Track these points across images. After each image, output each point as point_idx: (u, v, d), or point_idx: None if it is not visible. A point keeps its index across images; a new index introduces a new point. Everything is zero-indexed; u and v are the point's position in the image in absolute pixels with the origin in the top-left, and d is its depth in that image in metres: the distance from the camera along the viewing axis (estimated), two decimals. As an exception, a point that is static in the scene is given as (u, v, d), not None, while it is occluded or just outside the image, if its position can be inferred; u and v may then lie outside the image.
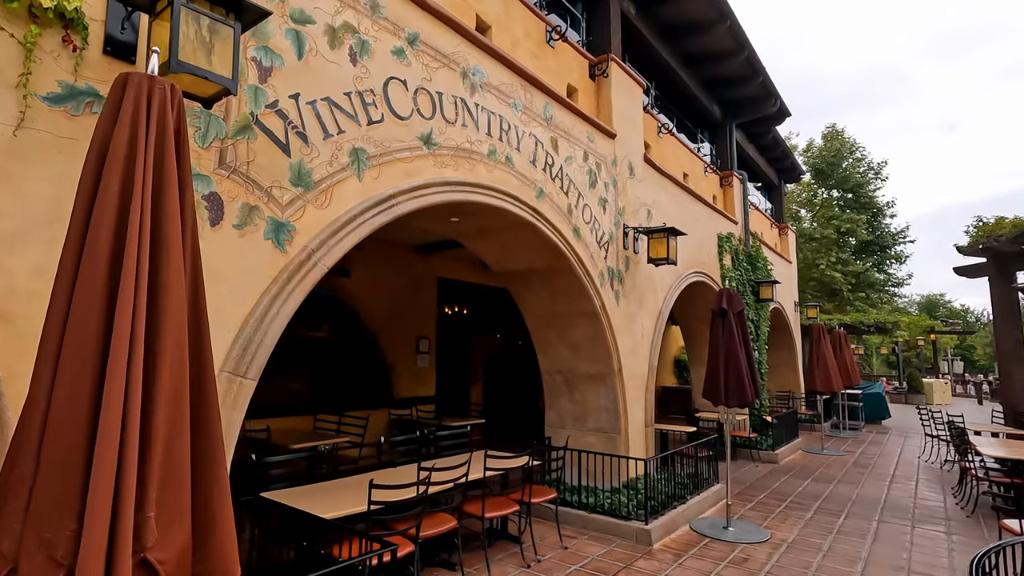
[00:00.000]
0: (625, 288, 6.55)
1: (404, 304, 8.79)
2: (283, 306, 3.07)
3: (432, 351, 9.19)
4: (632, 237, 6.76)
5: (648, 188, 7.31)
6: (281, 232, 3.12)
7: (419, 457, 5.42)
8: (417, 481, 3.71)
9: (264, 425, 6.11)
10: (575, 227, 5.72)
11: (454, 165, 4.29)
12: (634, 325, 6.67)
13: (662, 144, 8.46)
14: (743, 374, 5.44)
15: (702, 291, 8.92)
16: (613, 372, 6.15)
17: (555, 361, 6.48)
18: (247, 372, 2.88)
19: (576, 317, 6.09)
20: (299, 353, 7.29)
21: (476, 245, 5.75)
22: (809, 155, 27.40)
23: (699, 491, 6.34)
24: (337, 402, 7.61)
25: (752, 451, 9.30)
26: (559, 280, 5.85)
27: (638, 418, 6.54)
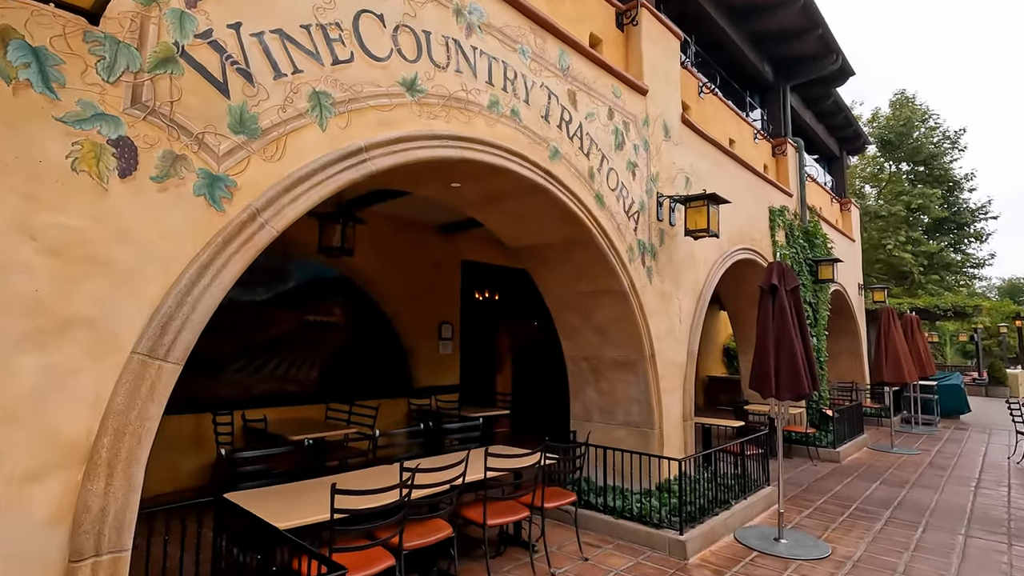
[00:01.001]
0: (659, 264, 5.79)
1: (424, 287, 8.29)
2: (218, 276, 2.56)
3: (456, 337, 8.68)
4: (667, 207, 5.98)
5: (686, 153, 6.48)
6: (216, 187, 2.59)
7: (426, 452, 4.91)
8: (400, 483, 3.17)
9: (261, 415, 5.75)
10: (597, 194, 5.01)
11: (445, 116, 3.68)
12: (669, 306, 5.90)
13: (704, 106, 7.56)
14: (798, 362, 4.62)
15: (751, 270, 7.99)
16: (644, 359, 5.42)
17: (579, 347, 5.81)
18: (168, 355, 2.39)
19: (601, 297, 5.39)
20: (309, 338, 6.92)
21: (485, 216, 5.13)
22: (875, 125, 25.22)
23: (746, 495, 5.56)
24: (351, 390, 7.21)
25: (810, 448, 8.34)
26: (580, 255, 5.16)
27: (674, 411, 5.79)
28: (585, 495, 5.23)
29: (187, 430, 5.84)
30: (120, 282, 2.29)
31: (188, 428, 5.85)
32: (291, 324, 6.75)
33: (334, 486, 2.81)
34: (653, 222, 5.78)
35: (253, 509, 3.06)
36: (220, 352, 6.13)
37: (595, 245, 5.01)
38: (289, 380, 6.67)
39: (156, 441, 5.55)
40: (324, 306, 7.09)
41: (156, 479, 5.57)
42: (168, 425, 5.80)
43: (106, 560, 2.17)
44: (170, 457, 5.70)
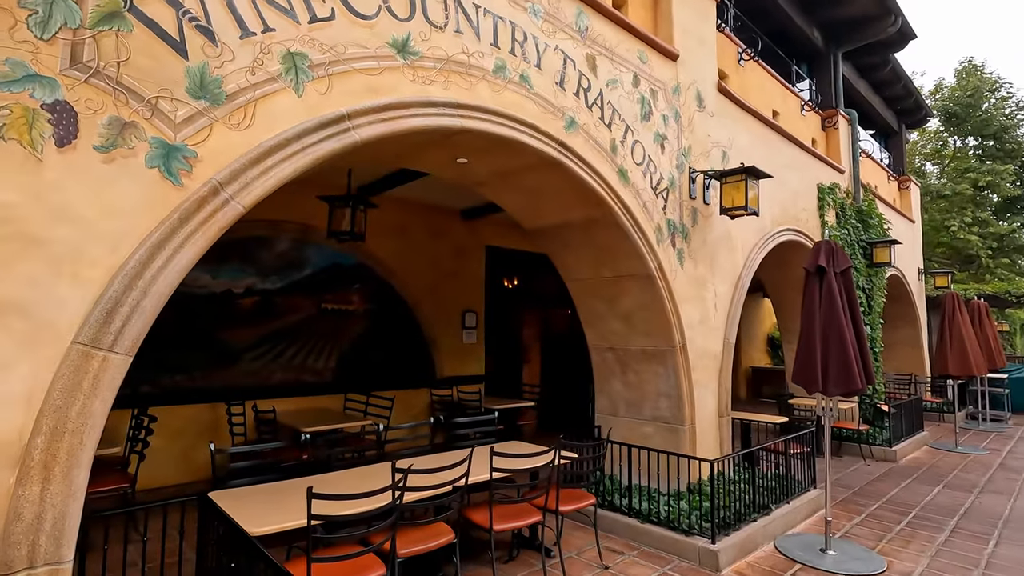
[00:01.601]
0: (691, 247, 5.30)
1: (446, 274, 8.01)
2: (174, 257, 2.30)
3: (480, 326, 8.38)
4: (700, 184, 5.47)
5: (723, 124, 5.92)
6: (173, 158, 2.33)
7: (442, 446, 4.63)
8: (391, 485, 2.88)
9: (271, 406, 5.59)
10: (620, 168, 4.57)
11: (443, 82, 3.32)
12: (703, 291, 5.41)
13: (744, 74, 6.94)
14: (849, 353, 4.08)
15: (797, 253, 7.35)
16: (674, 349, 4.97)
17: (604, 336, 5.39)
18: (115, 345, 2.14)
19: (626, 282, 4.95)
20: (327, 327, 6.74)
21: (499, 195, 4.76)
22: (938, 98, 23.37)
23: (789, 498, 5.05)
24: (370, 380, 7.02)
25: (862, 447, 7.67)
26: (602, 235, 4.74)
27: (708, 406, 5.32)
28: (608, 495, 4.85)
29: (202, 420, 5.76)
30: (58, 264, 2.05)
31: (204, 418, 5.77)
32: (308, 312, 6.58)
33: (310, 490, 2.53)
34: (685, 200, 5.28)
35: (235, 509, 2.84)
36: (236, 341, 6.01)
37: (618, 225, 4.58)
38: (306, 370, 6.52)
39: (171, 432, 5.48)
40: (342, 294, 6.90)
41: (172, 469, 5.52)
42: (183, 414, 5.75)
43: (41, 573, 1.95)
44: (185, 448, 5.63)
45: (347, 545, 2.94)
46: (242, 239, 6.10)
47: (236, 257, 6.06)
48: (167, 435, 5.51)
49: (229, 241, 5.99)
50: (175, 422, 5.58)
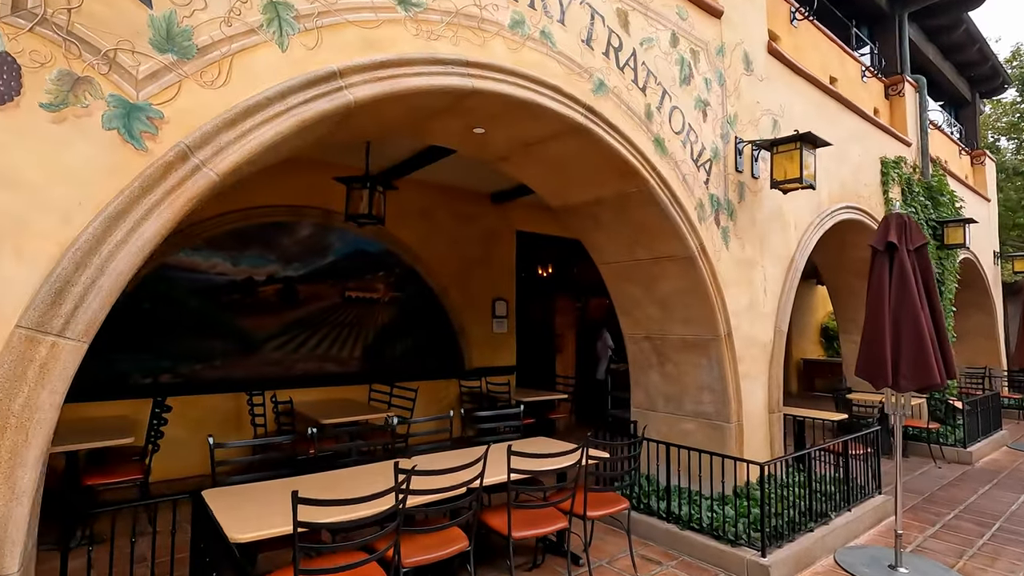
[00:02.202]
0: (737, 225, 4.78)
1: (475, 260, 7.69)
2: (136, 230, 2.03)
3: (511, 314, 8.04)
4: (749, 155, 4.93)
5: (774, 90, 5.34)
6: (135, 119, 2.06)
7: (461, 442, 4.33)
8: (394, 487, 2.57)
9: (288, 397, 5.41)
10: (656, 137, 4.11)
11: (451, 37, 2.96)
12: (751, 274, 4.88)
13: (797, 36, 6.28)
14: (926, 344, 3.52)
15: (857, 234, 6.68)
16: (719, 338, 4.49)
17: (640, 324, 4.95)
18: (66, 329, 1.89)
19: (663, 264, 4.50)
20: (351, 315, 6.54)
21: (522, 169, 4.37)
22: (1016, 65, 21.41)
23: (850, 505, 4.51)
24: (397, 371, 6.79)
25: (932, 447, 6.95)
26: (636, 213, 4.30)
27: (757, 401, 4.81)
28: (644, 497, 4.43)
29: (224, 410, 5.65)
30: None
31: (225, 408, 5.66)
32: (331, 300, 6.39)
33: (295, 495, 2.24)
34: (730, 173, 4.76)
35: (228, 510, 2.60)
36: (258, 329, 5.87)
37: (654, 201, 4.12)
38: (330, 359, 6.34)
39: (192, 422, 5.36)
40: (367, 281, 6.68)
41: (194, 460, 5.42)
42: (205, 404, 5.65)
43: (-21, 587, 1.72)
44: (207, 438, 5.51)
45: (345, 553, 2.65)
46: (263, 225, 5.94)
47: (257, 244, 5.91)
48: (188, 425, 5.41)
49: (250, 227, 5.86)
50: (196, 412, 5.48)
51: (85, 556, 3.01)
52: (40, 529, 2.14)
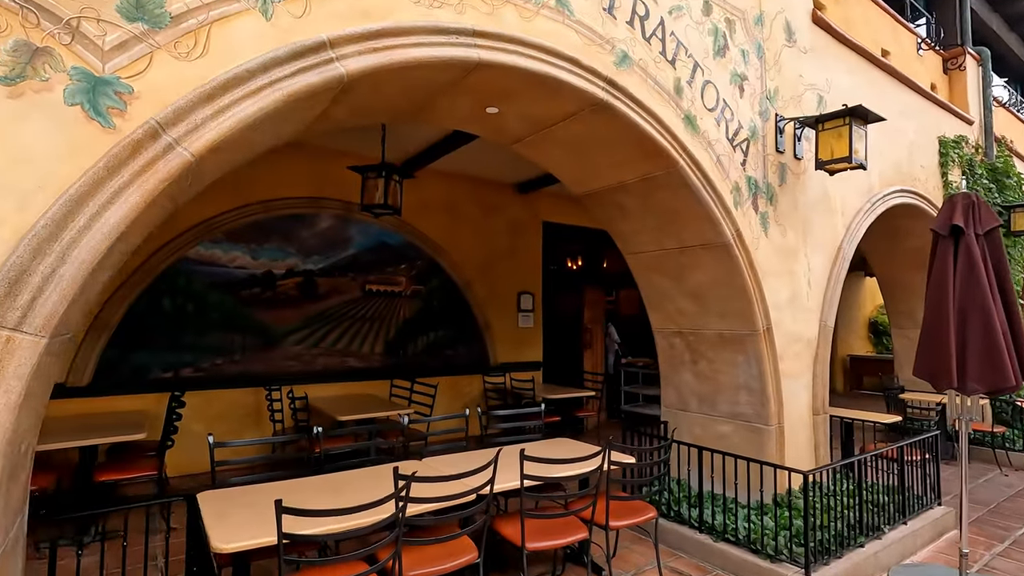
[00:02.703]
0: (778, 210, 4.39)
1: (500, 253, 7.45)
2: (102, 214, 1.86)
3: (537, 309, 7.77)
4: (791, 134, 4.52)
5: (819, 63, 4.89)
6: (101, 94, 1.89)
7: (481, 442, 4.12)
8: (394, 494, 2.36)
9: (304, 392, 5.29)
10: (687, 115, 3.77)
11: (455, 5, 2.71)
12: (793, 264, 4.49)
13: (846, 5, 5.77)
14: (997, 340, 3.09)
15: (913, 219, 6.15)
16: (756, 333, 4.13)
17: (671, 318, 4.62)
18: (23, 322, 1.73)
19: (696, 253, 4.16)
20: (373, 309, 6.40)
21: (540, 153, 4.08)
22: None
23: (906, 518, 4.10)
24: (419, 366, 6.63)
25: (997, 452, 6.36)
26: (665, 198, 3.97)
27: (800, 402, 4.43)
28: (675, 504, 4.12)
29: (245, 404, 5.59)
30: (-53, 222, 1.66)
31: (245, 402, 5.59)
32: (352, 294, 6.26)
33: (279, 504, 2.05)
34: (770, 154, 4.37)
35: (221, 516, 2.44)
36: (278, 324, 5.78)
37: (685, 184, 3.79)
38: (351, 354, 6.22)
39: (213, 416, 5.30)
40: (388, 275, 6.53)
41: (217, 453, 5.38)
42: (225, 399, 5.59)
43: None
44: (227, 432, 5.46)
45: (339, 565, 2.46)
46: (282, 217, 5.84)
47: (277, 236, 5.81)
48: (209, 420, 5.37)
49: (269, 219, 5.77)
50: (217, 407, 5.43)
51: (97, 553, 2.93)
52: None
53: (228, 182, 5.53)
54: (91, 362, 4.87)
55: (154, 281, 5.17)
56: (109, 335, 4.95)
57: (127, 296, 5.04)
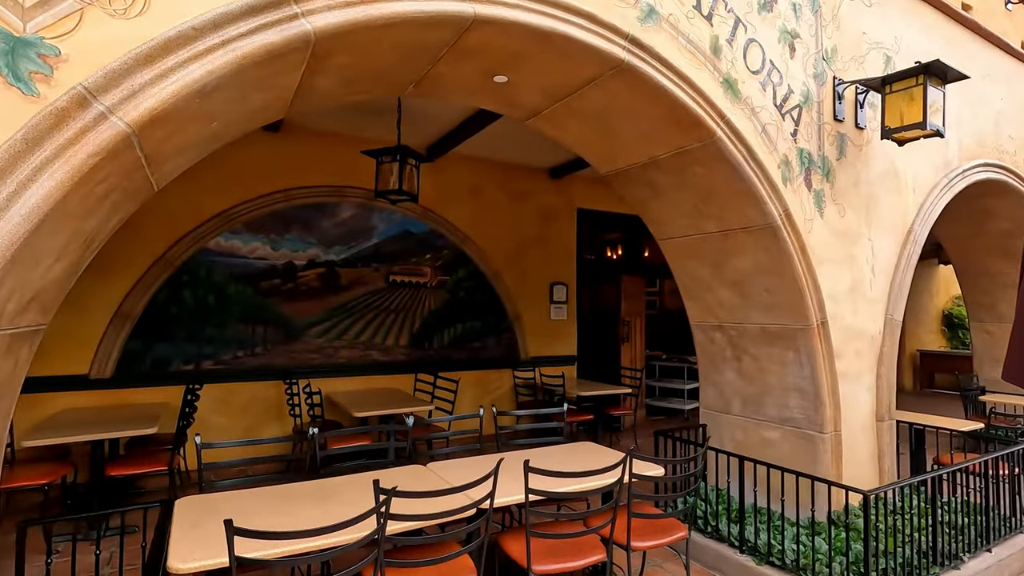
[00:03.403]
0: (836, 187, 3.84)
1: (531, 241, 7.09)
2: (22, 194, 1.64)
3: (571, 300, 7.38)
4: (852, 99, 3.95)
5: (886, 18, 4.26)
6: (22, 57, 1.66)
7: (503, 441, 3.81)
8: (374, 510, 2.08)
9: (331, 386, 5.11)
10: (727, 78, 3.29)
11: (446, -48, 2.37)
12: (854, 249, 3.93)
13: (919, -46, 5.05)
14: (1116, 336, 2.50)
15: (998, 199, 5.40)
16: (809, 328, 3.62)
17: (710, 310, 4.15)
18: (-73, 316, 1.53)
19: (738, 237, 3.68)
20: (396, 301, 6.19)
21: (560, 128, 3.69)
22: None
23: (991, 544, 3.52)
24: (445, 359, 6.39)
25: (1099, 464, 5.52)
26: (701, 174, 3.51)
27: (861, 406, 3.89)
28: (712, 518, 3.69)
29: (267, 397, 5.48)
30: None
31: (267, 395, 5.49)
32: (375, 285, 6.06)
33: (228, 525, 1.80)
34: (827, 123, 3.82)
35: (190, 527, 2.23)
36: (300, 316, 5.65)
37: (724, 158, 3.32)
38: (374, 347, 6.03)
39: (235, 409, 5.21)
40: (412, 265, 6.29)
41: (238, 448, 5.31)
42: (247, 392, 5.50)
43: None
44: (250, 426, 5.39)
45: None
46: (303, 207, 5.69)
47: (297, 226, 5.67)
48: (231, 412, 5.31)
49: (290, 209, 5.63)
50: (238, 399, 5.35)
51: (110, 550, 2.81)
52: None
53: (247, 170, 5.41)
54: (114, 353, 4.86)
55: (175, 272, 5.11)
56: (132, 326, 4.93)
57: (149, 287, 5.00)
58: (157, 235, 5.04)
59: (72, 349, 4.72)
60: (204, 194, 5.23)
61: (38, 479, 3.63)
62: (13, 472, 3.77)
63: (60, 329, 4.67)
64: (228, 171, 5.33)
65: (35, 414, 4.53)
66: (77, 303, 4.72)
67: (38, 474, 3.71)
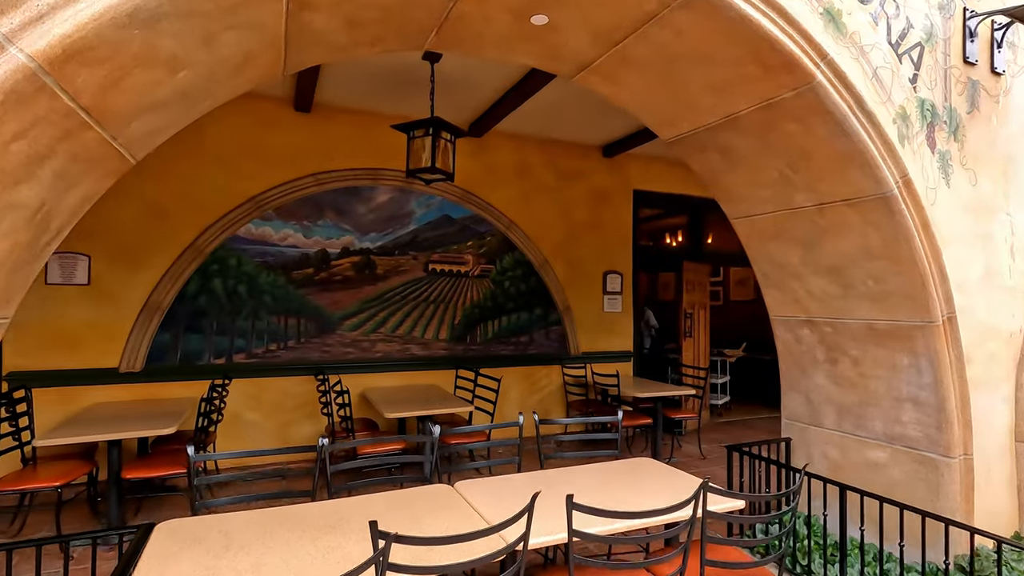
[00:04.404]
0: (966, 149, 3.05)
1: (582, 226, 6.49)
2: None
3: (627, 291, 6.74)
4: (988, 36, 3.13)
5: (1032, -66, 3.38)
6: None
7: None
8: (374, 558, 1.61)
9: (355, 383, 4.73)
10: (828, 8, 2.59)
11: None
12: (990, 225, 3.13)
13: None
14: None
15: None
16: (931, 324, 2.88)
17: (798, 302, 3.46)
18: None
19: (837, 211, 2.97)
20: (436, 291, 5.76)
21: (614, 83, 3.07)
22: None
23: None
24: (488, 354, 5.92)
25: None
26: (793, 133, 2.82)
27: (996, 422, 3.10)
28: (802, 556, 3.03)
29: (300, 393, 5.19)
30: None
31: (300, 391, 5.19)
32: (413, 274, 5.65)
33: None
34: (954, 66, 3.03)
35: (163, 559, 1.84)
36: (333, 307, 5.32)
37: (823, 109, 2.63)
38: (412, 341, 5.63)
39: (268, 405, 4.90)
40: (453, 252, 5.84)
41: (270, 446, 5.05)
42: (279, 387, 5.22)
43: None
44: (283, 423, 5.11)
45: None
46: (337, 191, 5.33)
47: (331, 212, 5.32)
48: (264, 409, 5.04)
49: (323, 194, 5.28)
50: (271, 395, 5.08)
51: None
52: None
53: (277, 153, 5.10)
54: (143, 347, 4.67)
55: (204, 261, 4.87)
56: (161, 318, 4.72)
57: (178, 276, 4.78)
58: (186, 222, 4.81)
59: (102, 342, 4.56)
60: (233, 178, 4.95)
61: (54, 480, 3.42)
62: (36, 471, 3.59)
63: (90, 321, 4.52)
64: (258, 154, 5.04)
65: (67, 408, 4.40)
66: (106, 294, 4.56)
67: (57, 474, 3.51)
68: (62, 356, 4.45)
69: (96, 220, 4.53)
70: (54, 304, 4.43)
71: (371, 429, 4.81)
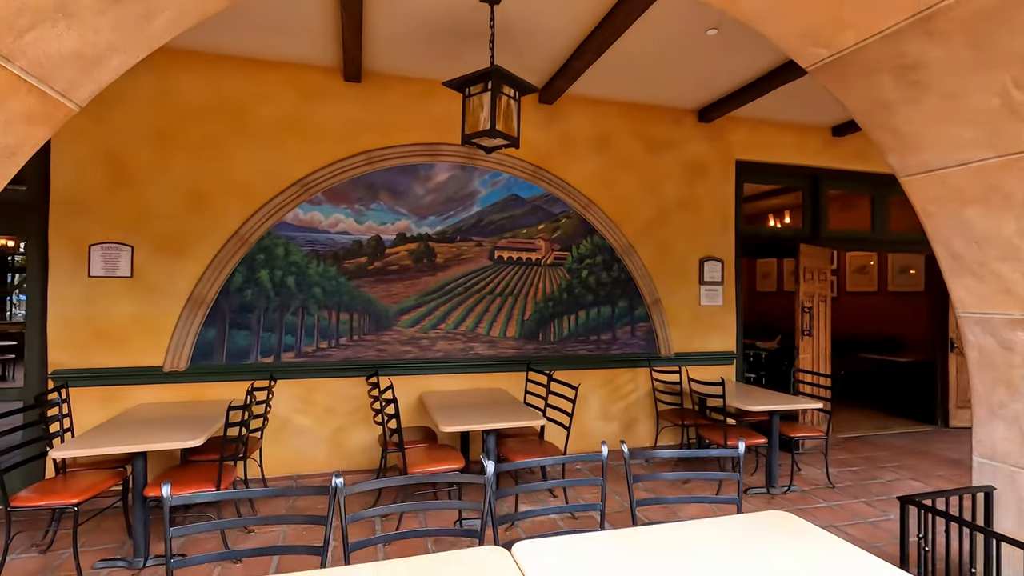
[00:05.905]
0: None
1: (674, 205, 5.53)
2: None
3: (728, 281, 5.69)
4: None
5: None
6: None
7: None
8: None
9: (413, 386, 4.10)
10: None
11: None
12: None
13: None
14: None
15: None
16: None
17: (1007, 293, 2.39)
18: None
19: (1107, 150, 1.90)
20: (504, 282, 5.05)
21: None
22: None
23: None
24: (564, 354, 5.14)
25: None
26: (1004, 42, 1.79)
27: None
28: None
29: (352, 396, 4.67)
30: None
31: (353, 394, 4.67)
32: (477, 263, 4.97)
33: None
34: None
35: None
36: (388, 300, 4.75)
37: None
38: (476, 339, 4.95)
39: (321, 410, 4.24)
40: (522, 237, 5.09)
41: (323, 454, 4.58)
42: (332, 389, 4.69)
43: None
44: (337, 429, 4.62)
45: None
46: (390, 170, 4.75)
47: (385, 194, 4.75)
48: (315, 412, 4.57)
49: (375, 174, 4.72)
50: (322, 398, 4.60)
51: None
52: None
53: (325, 129, 4.58)
54: (188, 344, 4.32)
55: (250, 251, 4.44)
56: (205, 313, 4.35)
57: (222, 268, 4.38)
58: (229, 208, 4.40)
59: (147, 338, 4.25)
60: (278, 159, 4.49)
61: (72, 496, 3.05)
62: (65, 481, 3.27)
63: (134, 316, 4.21)
64: (304, 131, 4.54)
65: (110, 408, 4.13)
66: (149, 287, 4.24)
67: (78, 489, 3.14)
68: (106, 354, 4.17)
69: (137, 207, 4.21)
70: (97, 298, 4.15)
71: (429, 440, 4.19)
